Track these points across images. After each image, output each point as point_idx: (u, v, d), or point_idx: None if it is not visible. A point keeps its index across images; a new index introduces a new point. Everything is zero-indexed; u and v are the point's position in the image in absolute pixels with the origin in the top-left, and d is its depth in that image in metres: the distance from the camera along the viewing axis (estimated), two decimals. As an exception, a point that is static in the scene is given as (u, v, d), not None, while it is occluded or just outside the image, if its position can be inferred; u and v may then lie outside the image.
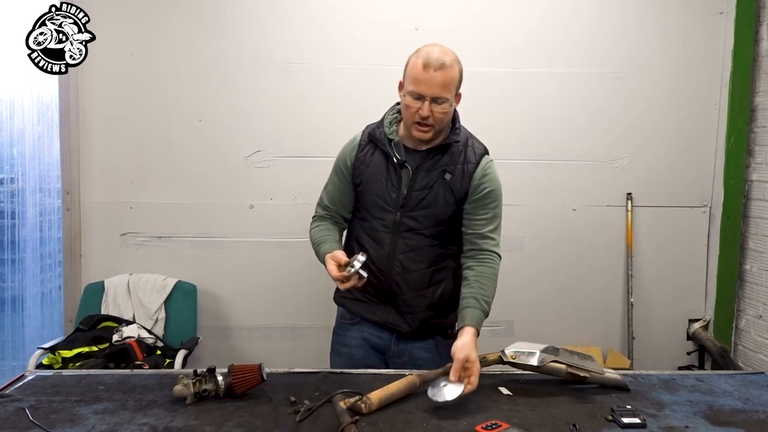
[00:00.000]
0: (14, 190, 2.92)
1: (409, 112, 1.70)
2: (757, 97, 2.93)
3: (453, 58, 1.69)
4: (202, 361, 2.74)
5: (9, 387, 1.56)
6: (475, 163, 1.79)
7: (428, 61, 1.65)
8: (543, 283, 3.03)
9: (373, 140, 1.81)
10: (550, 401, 1.51)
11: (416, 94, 1.67)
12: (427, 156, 1.77)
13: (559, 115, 2.95)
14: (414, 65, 1.68)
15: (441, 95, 1.66)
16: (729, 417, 1.44)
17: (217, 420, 1.37)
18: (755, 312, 2.93)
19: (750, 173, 2.98)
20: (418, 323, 1.82)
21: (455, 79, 1.70)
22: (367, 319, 1.87)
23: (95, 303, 2.79)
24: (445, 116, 1.71)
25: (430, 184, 1.76)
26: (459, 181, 1.77)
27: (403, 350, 1.86)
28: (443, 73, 1.65)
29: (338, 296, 1.95)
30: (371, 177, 1.80)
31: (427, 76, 1.64)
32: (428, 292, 1.81)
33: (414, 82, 1.67)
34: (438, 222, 1.78)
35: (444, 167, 1.77)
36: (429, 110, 1.66)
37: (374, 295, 1.83)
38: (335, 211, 1.89)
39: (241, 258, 2.93)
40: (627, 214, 3.00)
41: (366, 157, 1.81)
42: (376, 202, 1.79)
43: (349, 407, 1.37)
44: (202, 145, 2.89)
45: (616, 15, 2.93)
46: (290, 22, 2.86)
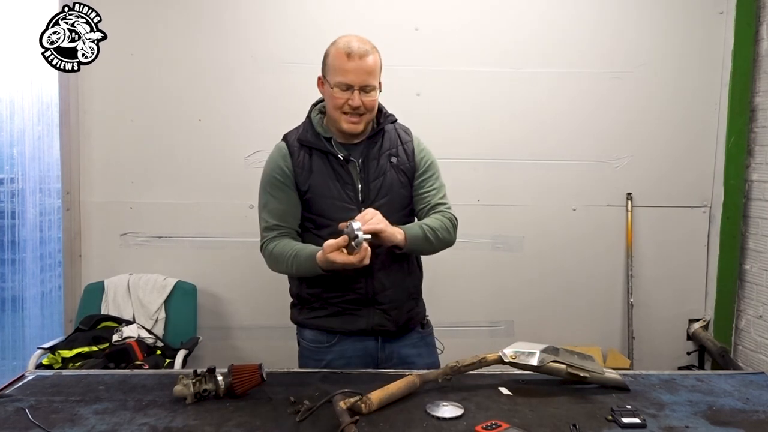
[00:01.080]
0: (14, 190, 2.92)
1: (338, 104, 1.68)
2: (757, 97, 2.93)
3: (372, 46, 1.70)
4: (202, 361, 2.74)
5: (9, 387, 1.56)
6: (411, 141, 1.82)
7: (351, 50, 1.64)
8: (543, 283, 3.03)
9: (305, 144, 1.75)
10: (550, 401, 1.50)
11: (344, 85, 1.66)
12: (369, 145, 1.76)
13: (559, 115, 2.96)
14: (336, 56, 1.67)
15: (369, 83, 1.66)
16: (729, 417, 1.44)
17: (217, 420, 1.37)
18: (755, 312, 2.93)
19: (750, 173, 2.98)
20: (403, 318, 1.80)
21: (378, 65, 1.70)
22: (350, 331, 1.76)
23: (95, 303, 2.79)
24: (374, 104, 1.71)
25: (382, 171, 1.75)
26: (405, 161, 1.79)
27: (391, 353, 1.81)
28: (367, 60, 1.65)
29: (304, 318, 1.81)
30: (320, 180, 1.72)
31: (353, 65, 1.64)
32: (407, 282, 1.81)
33: (341, 73, 1.65)
34: (401, 206, 1.78)
35: (388, 151, 1.77)
36: (360, 100, 1.65)
37: (354, 301, 1.75)
38: (288, 226, 1.75)
39: (241, 258, 2.93)
40: (627, 214, 3.00)
41: (304, 162, 1.74)
42: (334, 204, 1.72)
43: (349, 407, 1.37)
44: (202, 145, 2.89)
45: (616, 15, 2.93)
46: (290, 22, 2.86)
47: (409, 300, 1.83)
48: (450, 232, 1.77)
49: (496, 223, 2.99)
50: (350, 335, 1.78)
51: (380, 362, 1.81)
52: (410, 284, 1.84)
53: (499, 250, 2.99)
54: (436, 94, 2.90)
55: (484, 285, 3.01)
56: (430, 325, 1.93)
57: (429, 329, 1.92)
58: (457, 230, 1.80)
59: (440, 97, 2.91)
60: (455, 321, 2.95)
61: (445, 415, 1.40)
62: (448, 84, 2.91)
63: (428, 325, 1.92)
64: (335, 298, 1.76)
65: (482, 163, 2.96)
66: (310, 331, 1.82)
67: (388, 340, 1.81)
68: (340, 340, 1.78)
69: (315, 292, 1.78)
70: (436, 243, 1.73)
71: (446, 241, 1.76)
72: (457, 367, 1.55)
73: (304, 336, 1.84)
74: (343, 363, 1.77)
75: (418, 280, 1.88)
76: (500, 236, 2.99)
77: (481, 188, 2.97)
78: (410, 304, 1.83)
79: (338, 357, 1.78)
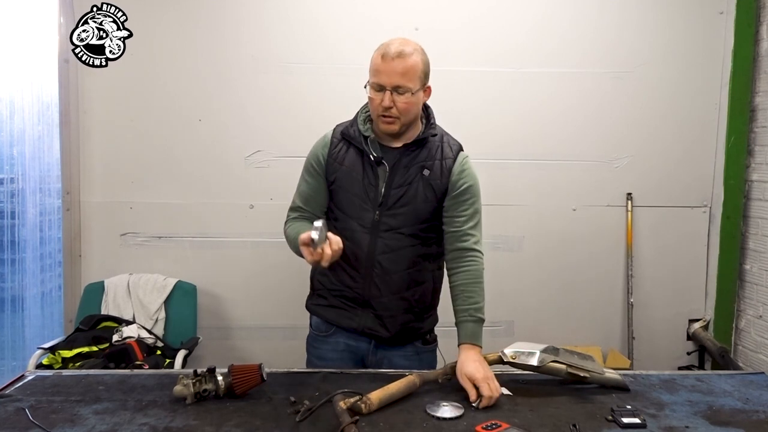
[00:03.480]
0: (14, 190, 2.93)
1: (373, 105, 1.69)
2: (757, 97, 2.93)
3: (414, 48, 1.67)
4: (202, 361, 2.74)
5: (9, 387, 1.56)
6: (453, 158, 1.77)
7: (386, 51, 1.65)
8: (543, 283, 3.03)
9: (346, 138, 1.77)
10: (550, 401, 1.50)
11: (377, 86, 1.66)
12: (404, 152, 1.74)
13: (559, 115, 2.95)
14: (374, 58, 1.68)
15: (401, 84, 1.64)
16: (729, 417, 1.44)
17: (217, 420, 1.37)
18: (755, 312, 2.93)
19: (750, 173, 2.98)
20: (397, 327, 1.77)
21: (417, 68, 1.66)
22: (344, 326, 1.80)
23: (95, 303, 2.79)
24: (408, 107, 1.68)
25: (409, 180, 1.73)
26: (438, 176, 1.74)
27: (382, 358, 1.81)
28: (402, 61, 1.64)
29: (311, 304, 1.88)
30: (346, 175, 1.74)
31: (385, 66, 1.64)
32: (408, 294, 1.76)
33: (374, 74, 1.67)
34: (418, 220, 1.74)
35: (422, 163, 1.74)
36: (391, 100, 1.65)
37: (351, 300, 1.77)
38: (309, 211, 1.80)
39: (241, 258, 2.93)
40: (627, 214, 3.00)
41: (339, 155, 1.76)
42: (353, 201, 1.74)
43: (349, 407, 1.37)
44: (202, 145, 2.89)
45: (616, 15, 2.93)
46: (290, 22, 2.86)
47: (407, 312, 1.78)
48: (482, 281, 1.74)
49: (496, 223, 2.98)
50: (345, 330, 1.81)
51: (369, 365, 1.81)
52: (412, 296, 1.78)
53: (499, 250, 2.98)
54: (436, 94, 2.87)
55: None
56: (433, 342, 1.89)
57: (431, 345, 1.88)
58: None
59: (440, 97, 2.86)
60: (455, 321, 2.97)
61: (445, 415, 1.40)
62: (448, 84, 2.90)
63: (432, 341, 1.88)
64: (336, 291, 1.79)
65: (482, 163, 2.89)
66: (315, 317, 1.88)
67: (381, 345, 1.80)
68: (336, 332, 1.83)
69: (323, 280, 1.83)
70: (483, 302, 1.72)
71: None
72: (457, 367, 1.55)
73: (311, 322, 1.90)
74: (336, 356, 1.81)
75: (426, 293, 1.81)
76: (500, 236, 2.99)
77: (481, 188, 2.96)
78: (407, 318, 1.78)
79: (332, 349, 1.83)
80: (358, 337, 1.80)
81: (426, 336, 1.85)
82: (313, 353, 1.88)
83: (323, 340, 1.85)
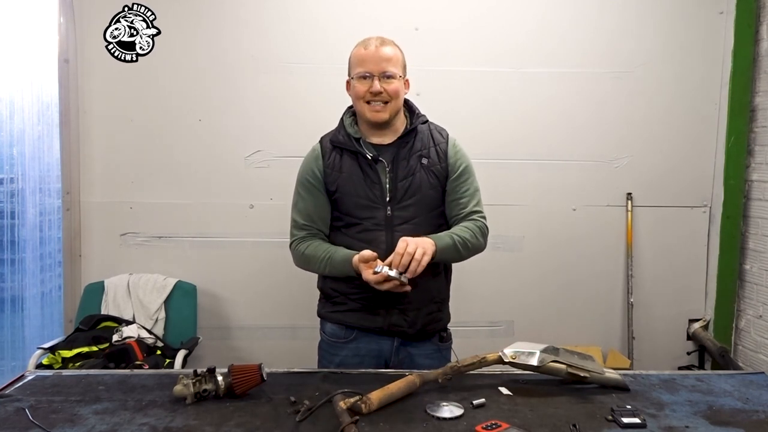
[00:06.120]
0: (14, 190, 2.93)
1: (360, 93, 1.72)
2: (757, 97, 2.93)
3: (392, 41, 1.76)
4: (202, 361, 2.74)
5: (9, 387, 1.56)
6: (445, 142, 1.82)
7: (367, 43, 1.73)
8: (543, 283, 3.03)
9: (337, 145, 1.79)
10: (550, 401, 1.50)
11: (364, 74, 1.71)
12: (400, 145, 1.78)
13: (559, 115, 2.95)
14: (355, 52, 1.75)
15: (388, 69, 1.70)
16: (729, 417, 1.44)
17: (217, 420, 1.37)
18: (755, 312, 2.93)
19: (750, 173, 2.98)
20: (422, 320, 1.79)
21: (399, 57, 1.75)
22: (367, 328, 1.80)
23: (95, 303, 2.79)
24: (396, 91, 1.73)
25: (411, 171, 1.76)
26: (437, 162, 1.79)
27: (405, 357, 1.82)
28: (385, 48, 1.72)
29: (326, 311, 1.86)
30: (347, 180, 1.76)
31: (370, 54, 1.70)
32: (430, 286, 1.80)
33: (359, 64, 1.72)
34: (428, 208, 1.78)
35: (419, 152, 1.78)
36: (380, 86, 1.69)
37: (374, 299, 1.75)
38: (316, 227, 1.80)
39: (241, 258, 2.93)
40: (627, 214, 3.00)
41: (335, 163, 1.78)
42: (360, 202, 1.75)
43: (349, 407, 1.37)
44: (202, 145, 2.89)
45: (616, 15, 2.93)
46: (290, 22, 2.86)
47: (431, 303, 1.82)
48: (480, 240, 1.78)
49: (496, 223, 2.94)
50: (367, 332, 1.81)
51: (392, 365, 1.82)
52: (434, 287, 1.82)
53: (499, 250, 2.98)
54: (436, 94, 2.90)
55: (484, 285, 3.00)
56: (449, 339, 1.91)
57: (447, 343, 1.90)
58: (487, 237, 1.82)
59: (440, 97, 2.90)
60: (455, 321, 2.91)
61: (445, 415, 1.40)
62: (448, 84, 2.91)
63: (448, 338, 1.91)
64: (356, 294, 1.78)
65: (482, 163, 2.89)
66: (330, 324, 1.86)
67: (404, 343, 1.82)
68: (357, 336, 1.82)
69: (338, 287, 1.81)
70: (465, 252, 1.75)
71: (476, 249, 1.78)
72: (457, 367, 1.56)
73: (325, 329, 1.88)
74: (357, 361, 1.80)
75: (443, 284, 1.87)
76: (500, 236, 2.98)
77: (481, 188, 2.96)
78: (431, 308, 1.82)
79: (352, 354, 1.82)
80: (381, 338, 1.81)
81: (442, 332, 1.88)
82: (330, 360, 1.84)
83: (342, 347, 1.83)
